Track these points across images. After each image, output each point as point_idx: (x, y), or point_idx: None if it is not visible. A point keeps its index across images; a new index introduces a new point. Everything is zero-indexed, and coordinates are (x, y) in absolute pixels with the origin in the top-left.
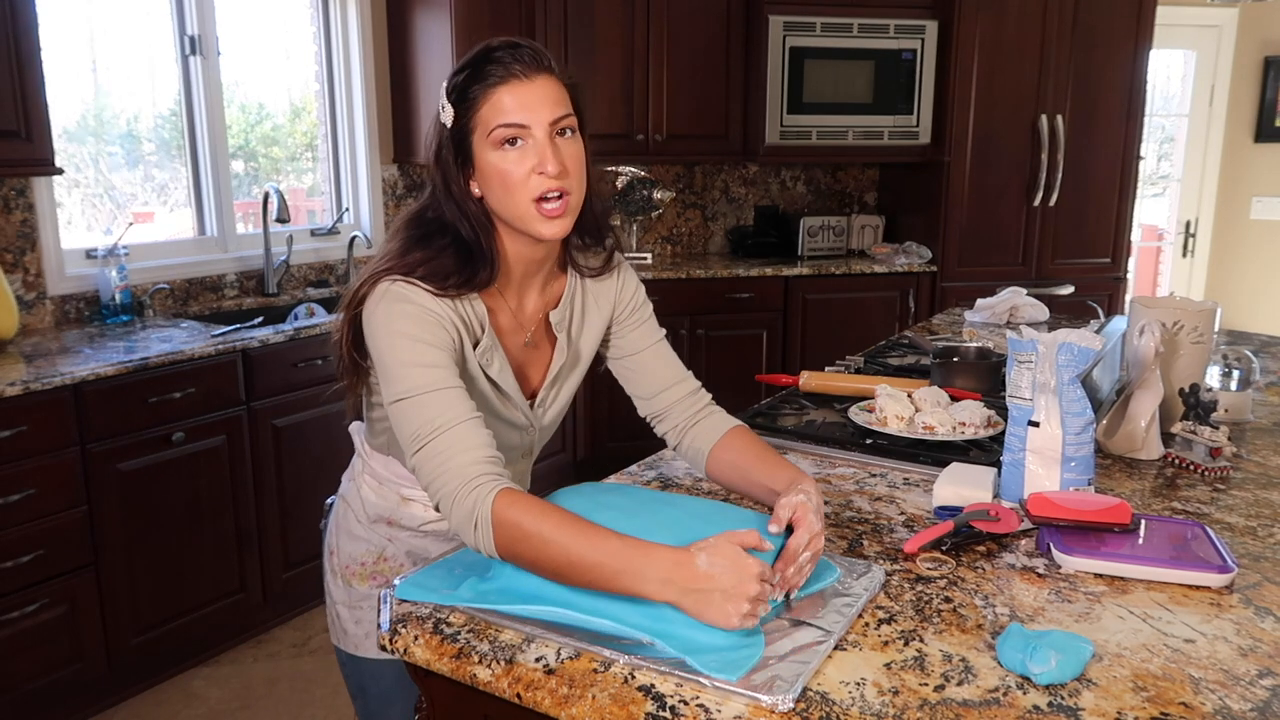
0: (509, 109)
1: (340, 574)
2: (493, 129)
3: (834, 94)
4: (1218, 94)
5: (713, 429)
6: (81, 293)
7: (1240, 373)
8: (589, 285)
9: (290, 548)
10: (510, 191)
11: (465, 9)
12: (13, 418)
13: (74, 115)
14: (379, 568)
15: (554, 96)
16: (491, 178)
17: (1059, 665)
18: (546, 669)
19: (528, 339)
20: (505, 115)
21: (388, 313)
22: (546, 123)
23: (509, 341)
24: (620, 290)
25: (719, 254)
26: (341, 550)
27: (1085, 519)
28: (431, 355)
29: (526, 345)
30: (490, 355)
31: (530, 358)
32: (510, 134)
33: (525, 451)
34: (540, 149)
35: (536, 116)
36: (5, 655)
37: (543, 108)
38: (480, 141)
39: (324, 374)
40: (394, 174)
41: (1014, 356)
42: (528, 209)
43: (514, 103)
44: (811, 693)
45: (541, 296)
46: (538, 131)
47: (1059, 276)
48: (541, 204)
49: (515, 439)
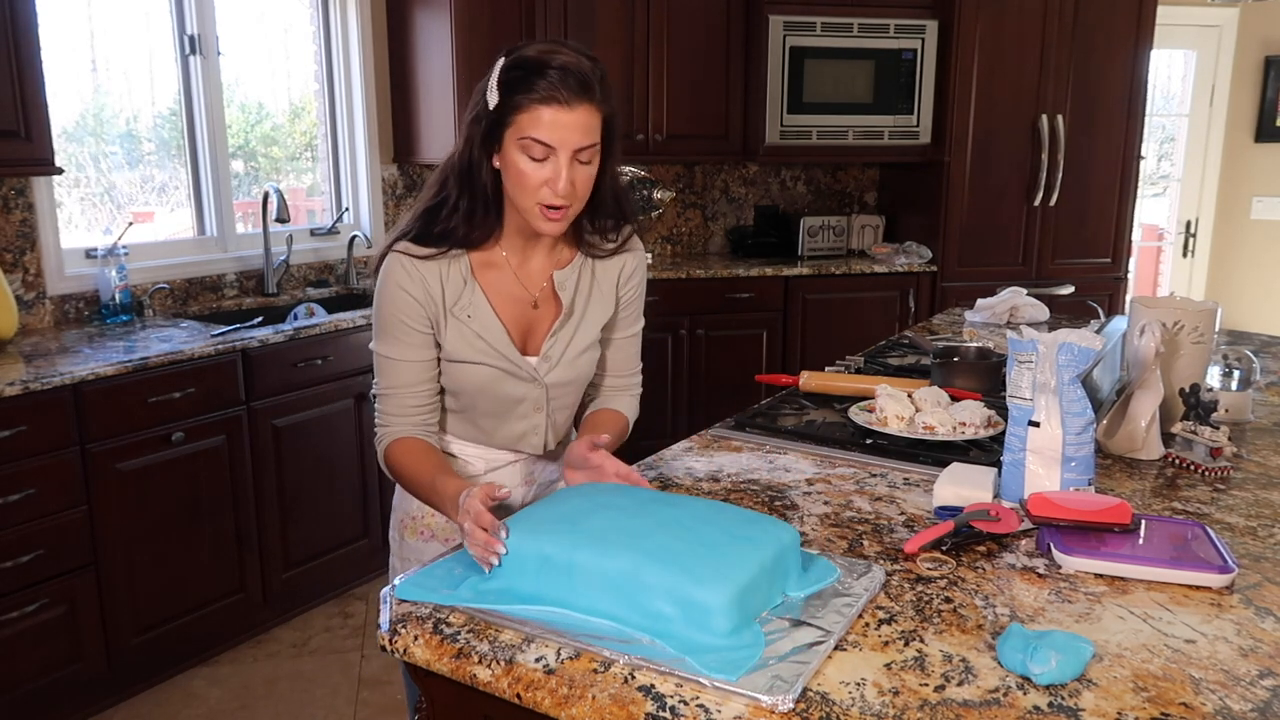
0: (544, 127)
1: (397, 527)
2: (524, 137)
3: (834, 94)
4: (1218, 94)
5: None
6: (81, 293)
7: (1240, 373)
8: (598, 262)
9: (290, 548)
10: (522, 189)
11: (465, 9)
12: (13, 418)
13: (74, 115)
14: (426, 522)
15: (586, 126)
16: (510, 170)
17: (1059, 665)
18: (546, 669)
19: (535, 303)
20: (539, 132)
21: (380, 291)
22: (571, 149)
23: (501, 297)
24: (623, 274)
25: (719, 254)
26: (399, 506)
27: (1085, 519)
28: (403, 333)
29: (535, 309)
30: (471, 308)
31: (535, 317)
32: (538, 149)
33: (536, 405)
34: (558, 170)
35: (564, 142)
36: (5, 655)
37: (572, 136)
38: (511, 136)
39: (324, 374)
40: (394, 174)
41: (1014, 356)
42: (532, 207)
43: (550, 123)
44: (811, 693)
45: (549, 258)
46: (561, 155)
47: (1059, 276)
48: (544, 208)
49: (520, 390)
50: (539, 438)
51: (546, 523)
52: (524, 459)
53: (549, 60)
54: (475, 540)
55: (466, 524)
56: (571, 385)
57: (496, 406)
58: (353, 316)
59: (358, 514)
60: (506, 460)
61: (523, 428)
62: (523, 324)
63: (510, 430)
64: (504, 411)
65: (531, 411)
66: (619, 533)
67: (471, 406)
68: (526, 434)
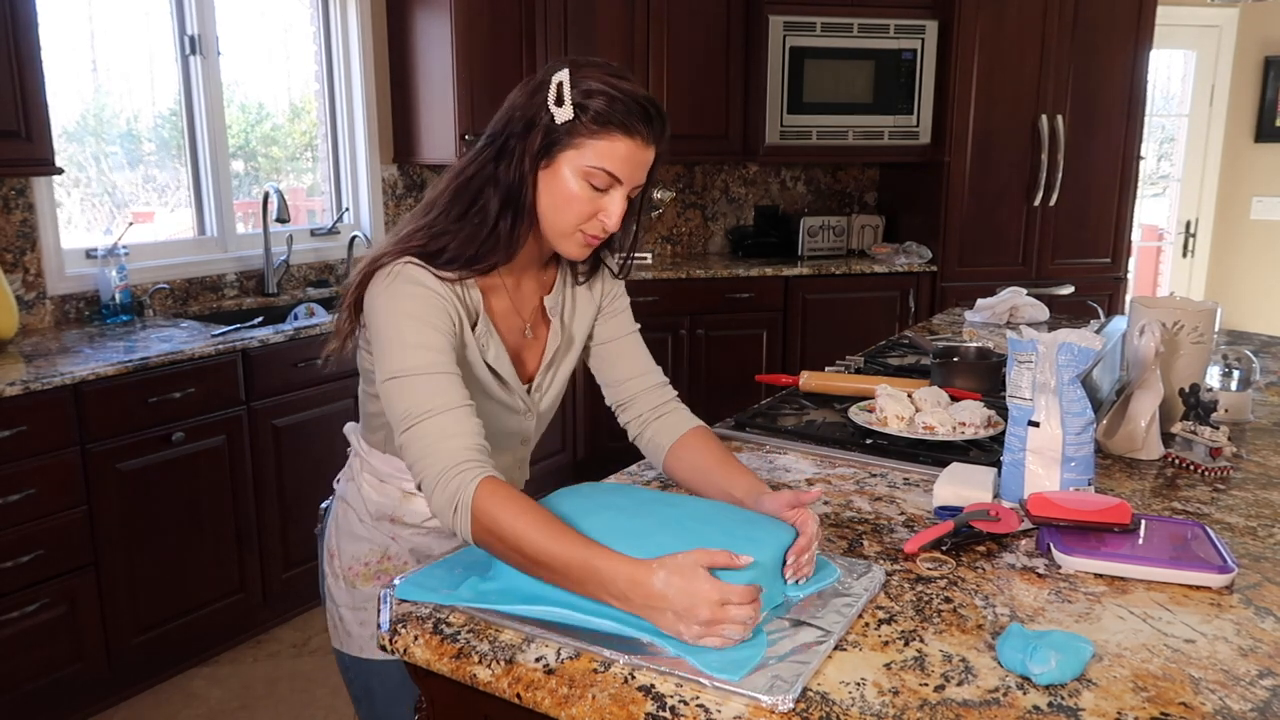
0: (620, 161)
1: (343, 576)
2: (594, 165)
3: (834, 94)
4: (1218, 94)
5: (675, 426)
6: (81, 293)
7: (1240, 373)
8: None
9: (290, 548)
10: (569, 214)
11: (465, 9)
12: (13, 418)
13: (74, 115)
14: (383, 567)
15: (648, 166)
16: (558, 192)
17: (1059, 665)
18: (546, 669)
19: (527, 331)
20: (612, 164)
21: (395, 292)
22: (632, 185)
23: (505, 326)
24: (601, 284)
25: (719, 254)
26: (343, 552)
27: (1085, 519)
28: (432, 338)
29: (526, 337)
30: (487, 340)
31: (527, 344)
32: (604, 180)
33: (524, 438)
34: (614, 204)
35: (630, 179)
36: (5, 655)
37: (638, 174)
38: (572, 157)
39: (324, 374)
40: (394, 174)
41: (1014, 356)
42: (573, 234)
43: (626, 158)
44: (811, 693)
45: (536, 281)
46: (624, 189)
47: (1059, 276)
48: (586, 235)
49: (514, 424)
50: (522, 472)
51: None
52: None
53: (636, 93)
54: (746, 622)
55: (733, 610)
56: (550, 413)
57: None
58: None
59: None
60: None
61: (508, 461)
62: (517, 352)
63: (498, 465)
64: (495, 448)
65: (519, 445)
66: (620, 533)
67: None
68: (511, 468)
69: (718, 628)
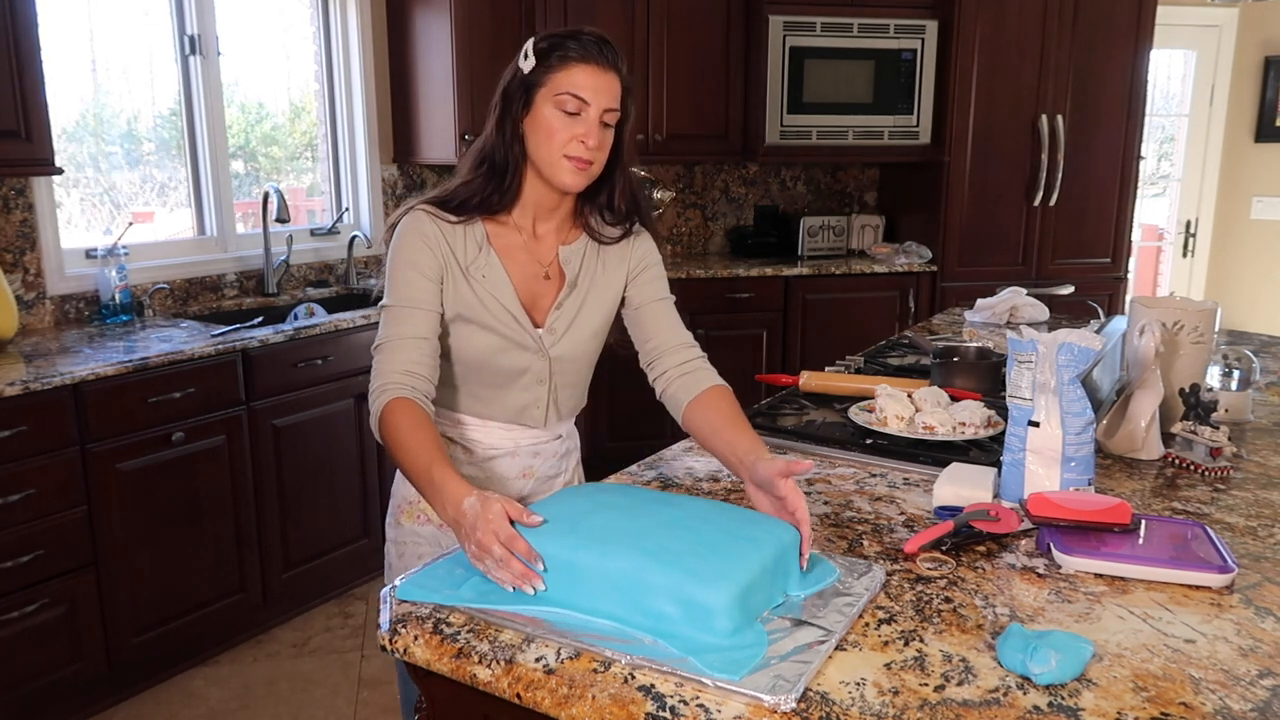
0: (580, 84)
1: (394, 512)
2: (560, 93)
3: (834, 94)
4: (1218, 94)
5: (696, 383)
6: (81, 293)
7: (1240, 373)
8: (605, 247)
9: (290, 548)
10: (551, 143)
11: (465, 9)
12: (13, 418)
13: (74, 115)
14: (422, 506)
15: (613, 90)
16: (540, 127)
17: (1059, 665)
18: (546, 669)
19: (545, 274)
20: (575, 88)
21: (400, 239)
22: (601, 108)
23: (514, 261)
24: (633, 253)
25: (719, 254)
26: (396, 492)
27: (1085, 519)
28: (415, 279)
29: (545, 278)
30: (485, 267)
31: (544, 289)
32: (573, 104)
33: (539, 378)
34: (589, 125)
35: (596, 100)
36: (5, 655)
37: (602, 96)
38: (545, 96)
39: (324, 374)
40: (394, 174)
41: (1014, 356)
42: (559, 160)
43: (586, 81)
44: (811, 693)
45: (557, 235)
46: (592, 111)
47: (1059, 276)
48: (571, 160)
49: (523, 360)
50: (540, 411)
51: (547, 523)
52: (522, 451)
53: (583, 31)
54: (511, 569)
55: (496, 548)
56: (575, 363)
57: (498, 377)
58: (353, 317)
59: (358, 514)
60: (504, 450)
61: (524, 400)
62: (531, 294)
63: (511, 402)
64: (506, 383)
65: (534, 384)
66: (620, 533)
67: (473, 376)
68: (528, 407)
69: (483, 554)
